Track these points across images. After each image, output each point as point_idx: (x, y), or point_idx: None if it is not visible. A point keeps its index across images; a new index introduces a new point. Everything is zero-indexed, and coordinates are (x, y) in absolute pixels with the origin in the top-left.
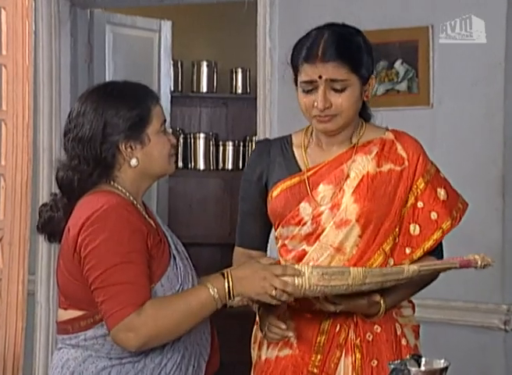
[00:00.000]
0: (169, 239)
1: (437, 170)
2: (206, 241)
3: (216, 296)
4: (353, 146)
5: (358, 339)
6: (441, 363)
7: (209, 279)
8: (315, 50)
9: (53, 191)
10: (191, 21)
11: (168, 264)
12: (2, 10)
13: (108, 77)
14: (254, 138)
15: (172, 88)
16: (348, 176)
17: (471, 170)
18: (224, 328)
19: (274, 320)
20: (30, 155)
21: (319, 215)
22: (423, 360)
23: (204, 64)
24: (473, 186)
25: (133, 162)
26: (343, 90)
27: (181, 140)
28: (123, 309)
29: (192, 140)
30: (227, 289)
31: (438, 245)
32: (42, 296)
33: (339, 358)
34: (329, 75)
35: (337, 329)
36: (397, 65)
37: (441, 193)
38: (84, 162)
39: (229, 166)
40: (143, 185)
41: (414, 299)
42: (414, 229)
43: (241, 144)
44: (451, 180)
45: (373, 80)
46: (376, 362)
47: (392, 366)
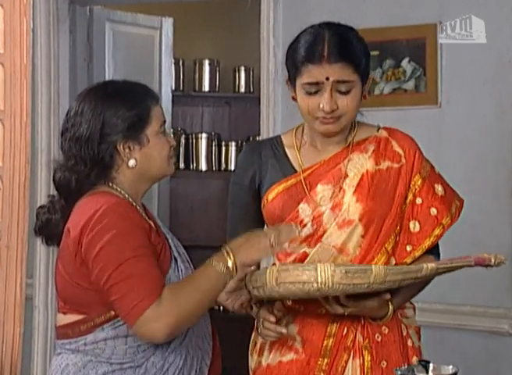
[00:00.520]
0: (170, 241)
1: (432, 166)
2: (208, 244)
3: (223, 270)
4: (348, 145)
5: (366, 341)
6: (449, 369)
7: (212, 258)
8: (319, 50)
9: (51, 193)
10: (193, 18)
11: (169, 266)
12: (0, 8)
13: (108, 76)
14: (258, 138)
15: (174, 87)
16: (347, 175)
17: (480, 171)
18: (225, 332)
19: (264, 313)
20: (28, 156)
21: (320, 215)
22: (431, 366)
23: (207, 62)
24: (482, 187)
25: (132, 163)
26: (349, 91)
27: (183, 140)
28: (142, 302)
29: (194, 140)
30: (230, 262)
31: (436, 244)
32: (40, 300)
33: (346, 361)
34: (336, 76)
35: (344, 331)
36: (404, 63)
37: (438, 189)
38: (81, 163)
39: (232, 167)
40: (141, 187)
41: (422, 304)
42: (414, 226)
43: (244, 144)
44: (459, 181)
45: (370, 80)
46: (386, 364)
47: (399, 372)
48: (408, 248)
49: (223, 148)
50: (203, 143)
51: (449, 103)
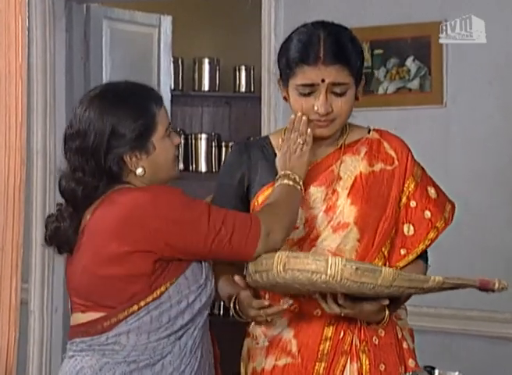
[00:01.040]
0: None
1: (423, 169)
2: None
3: (294, 184)
4: (340, 147)
5: (363, 344)
6: None
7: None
8: (315, 51)
9: (46, 196)
10: (192, 16)
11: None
12: None
13: (106, 75)
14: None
15: (173, 87)
16: (340, 177)
17: (486, 172)
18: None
19: (247, 298)
20: (24, 158)
21: (313, 218)
22: (436, 372)
23: (206, 61)
24: (488, 188)
25: (139, 172)
26: (343, 94)
27: (182, 141)
28: (252, 228)
29: (193, 141)
30: (293, 175)
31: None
32: (36, 305)
33: (344, 365)
34: (332, 79)
35: (341, 335)
36: (409, 62)
37: (431, 191)
38: (89, 175)
39: None
40: None
41: (427, 308)
42: (408, 229)
43: None
44: (465, 182)
45: (363, 81)
46: (384, 367)
47: None
48: (402, 252)
49: (223, 149)
50: (202, 144)
51: (454, 103)
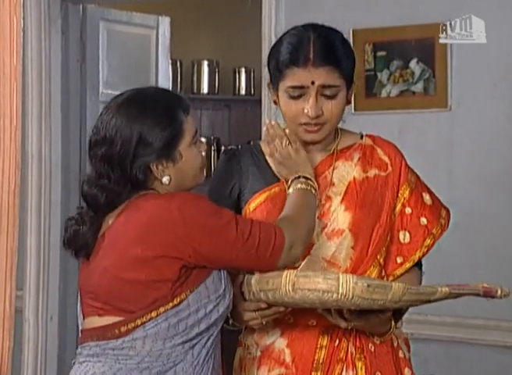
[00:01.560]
0: None
1: (417, 175)
2: None
3: (306, 187)
4: (332, 153)
5: (359, 351)
6: None
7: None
8: (305, 53)
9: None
10: (191, 17)
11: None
12: None
13: (102, 77)
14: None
15: (171, 89)
16: (333, 183)
17: (493, 176)
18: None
19: (241, 303)
20: (18, 161)
21: None
22: None
23: (205, 63)
24: (493, 192)
25: (165, 180)
26: (334, 96)
27: None
28: (276, 241)
29: None
30: (302, 174)
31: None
32: (30, 313)
33: (339, 373)
34: (322, 81)
35: (336, 343)
36: (412, 64)
37: (426, 198)
38: (114, 182)
39: None
40: None
41: (432, 316)
42: (404, 236)
43: None
44: (471, 186)
45: (355, 85)
46: None
47: None
48: (399, 260)
49: None
50: None
51: (459, 106)
